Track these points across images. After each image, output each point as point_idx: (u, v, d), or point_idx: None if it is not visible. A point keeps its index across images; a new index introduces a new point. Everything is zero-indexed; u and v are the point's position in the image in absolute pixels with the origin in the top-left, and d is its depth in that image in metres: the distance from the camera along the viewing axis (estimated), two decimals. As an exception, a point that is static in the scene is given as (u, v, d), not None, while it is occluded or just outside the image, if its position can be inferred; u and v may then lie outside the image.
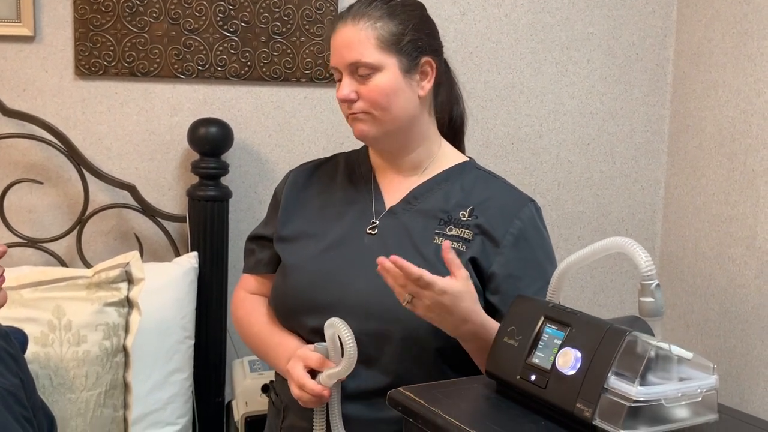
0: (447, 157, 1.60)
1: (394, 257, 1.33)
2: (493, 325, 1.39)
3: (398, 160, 1.57)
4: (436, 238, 1.50)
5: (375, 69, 1.46)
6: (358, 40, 1.46)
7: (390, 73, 1.47)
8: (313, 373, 1.43)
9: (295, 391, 1.43)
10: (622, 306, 2.52)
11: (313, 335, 1.49)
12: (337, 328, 1.36)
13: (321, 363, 1.42)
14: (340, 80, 1.51)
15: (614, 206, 2.50)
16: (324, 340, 1.42)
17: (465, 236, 1.50)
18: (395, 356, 1.45)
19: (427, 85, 1.52)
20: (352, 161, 1.65)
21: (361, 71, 1.47)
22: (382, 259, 1.33)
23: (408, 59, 1.48)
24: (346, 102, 1.49)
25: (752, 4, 2.13)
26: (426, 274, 1.32)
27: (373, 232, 1.54)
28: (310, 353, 1.43)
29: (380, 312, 1.45)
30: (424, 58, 1.50)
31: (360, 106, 1.49)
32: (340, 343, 1.37)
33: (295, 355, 1.45)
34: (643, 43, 2.44)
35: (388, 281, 1.34)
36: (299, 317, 1.53)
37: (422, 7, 1.57)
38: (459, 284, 1.34)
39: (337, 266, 1.51)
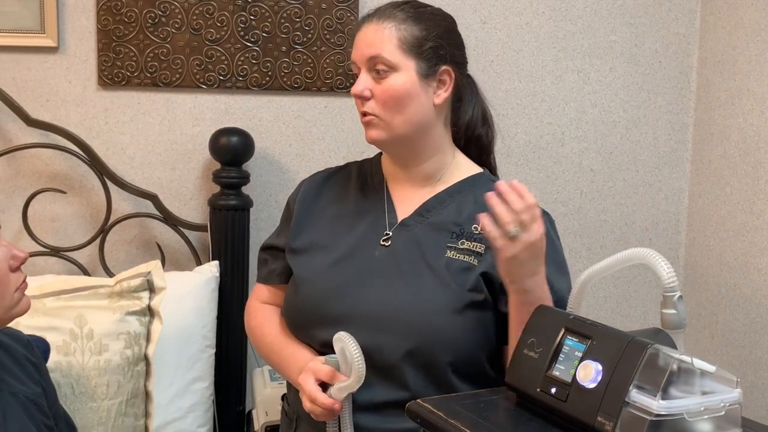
0: (460, 167, 1.59)
1: (515, 183, 1.31)
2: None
3: (410, 169, 1.57)
4: (448, 251, 1.49)
5: (392, 68, 1.47)
6: (381, 38, 1.47)
7: (406, 75, 1.47)
8: (325, 385, 1.42)
9: (306, 404, 1.43)
10: (646, 317, 2.49)
11: (324, 347, 1.49)
12: (344, 343, 1.36)
13: (332, 376, 1.41)
14: (357, 75, 1.51)
15: (637, 215, 2.48)
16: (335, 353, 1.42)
17: (477, 250, 1.49)
18: (407, 368, 1.44)
19: (444, 94, 1.51)
20: (365, 171, 1.64)
21: (379, 67, 1.47)
22: (499, 183, 1.32)
23: (427, 65, 1.48)
24: (360, 98, 1.50)
25: (777, 11, 2.10)
26: (538, 209, 1.32)
27: (386, 244, 1.53)
28: (321, 366, 1.43)
29: (392, 324, 1.44)
30: (444, 67, 1.50)
31: (372, 106, 1.49)
32: None
33: (306, 368, 1.45)
34: (666, 51, 2.42)
35: (498, 209, 1.31)
36: (311, 330, 1.52)
37: (451, 20, 1.57)
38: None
39: (348, 278, 1.51)
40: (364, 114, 1.51)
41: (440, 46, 1.50)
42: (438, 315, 1.44)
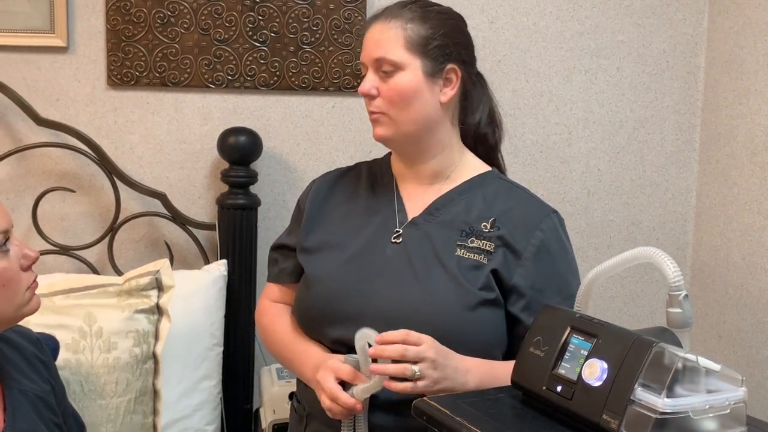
0: (469, 166, 1.59)
1: (377, 337, 1.35)
2: (499, 365, 1.41)
3: (418, 167, 1.58)
4: (458, 249, 1.50)
5: (398, 67, 1.48)
6: (387, 38, 1.49)
7: (412, 74, 1.48)
8: (343, 384, 1.42)
9: (326, 402, 1.42)
10: (653, 316, 2.49)
11: (336, 345, 1.50)
12: (370, 339, 1.36)
13: (353, 376, 1.41)
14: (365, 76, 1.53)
15: (645, 215, 2.48)
16: (350, 351, 1.42)
17: (487, 248, 1.49)
18: None
19: (450, 92, 1.52)
20: (375, 171, 1.65)
21: (385, 68, 1.49)
22: (376, 349, 1.36)
23: (433, 63, 1.49)
24: (366, 97, 1.51)
25: (785, 11, 2.10)
26: (412, 333, 1.35)
27: (397, 242, 1.54)
28: (341, 365, 1.42)
29: (405, 322, 1.43)
30: (450, 65, 1.51)
31: (378, 104, 1.50)
32: None
33: (325, 366, 1.44)
34: (673, 51, 2.42)
35: (389, 368, 1.35)
36: (322, 328, 1.53)
37: (459, 19, 1.58)
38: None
39: (360, 277, 1.51)
40: (371, 113, 1.53)
41: (446, 44, 1.51)
42: (451, 312, 1.44)
